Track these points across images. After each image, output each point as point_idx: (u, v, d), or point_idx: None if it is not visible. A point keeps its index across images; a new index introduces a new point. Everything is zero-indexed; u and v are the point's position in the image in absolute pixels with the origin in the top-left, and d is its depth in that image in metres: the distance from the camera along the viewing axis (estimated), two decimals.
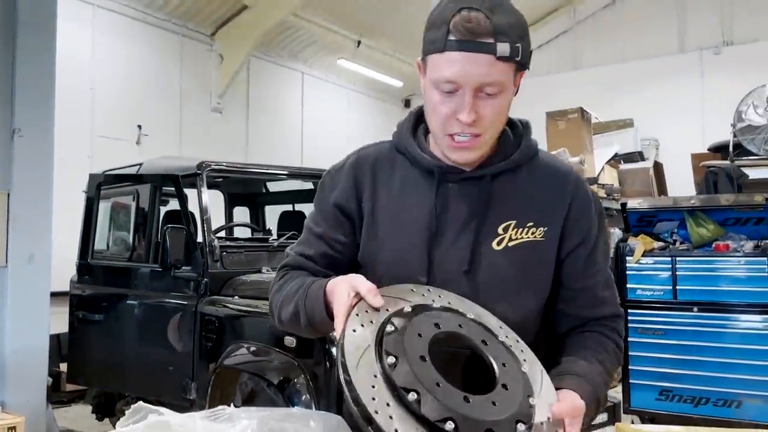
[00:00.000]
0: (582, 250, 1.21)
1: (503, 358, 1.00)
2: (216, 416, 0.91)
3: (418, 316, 0.99)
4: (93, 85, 7.35)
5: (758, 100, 5.39)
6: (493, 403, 0.93)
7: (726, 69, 9.67)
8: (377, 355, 0.93)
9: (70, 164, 6.26)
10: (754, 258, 4.32)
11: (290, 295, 1.21)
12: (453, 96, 1.10)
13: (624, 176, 8.13)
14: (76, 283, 4.61)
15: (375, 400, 0.89)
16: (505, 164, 1.19)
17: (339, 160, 1.32)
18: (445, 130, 1.13)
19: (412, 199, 1.20)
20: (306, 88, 10.31)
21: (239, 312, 3.40)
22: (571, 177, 1.24)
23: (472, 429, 0.89)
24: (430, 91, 1.13)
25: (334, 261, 1.25)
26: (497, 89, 1.09)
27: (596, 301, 1.23)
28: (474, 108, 1.09)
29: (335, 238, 1.25)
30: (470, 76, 1.07)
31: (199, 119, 8.48)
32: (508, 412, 0.93)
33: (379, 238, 1.21)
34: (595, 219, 1.22)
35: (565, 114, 7.01)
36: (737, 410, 4.27)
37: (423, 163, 1.20)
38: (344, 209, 1.24)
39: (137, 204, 4.22)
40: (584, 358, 1.15)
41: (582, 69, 11.08)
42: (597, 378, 1.12)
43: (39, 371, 3.86)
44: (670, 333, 4.54)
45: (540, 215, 1.18)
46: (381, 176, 1.24)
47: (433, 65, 1.12)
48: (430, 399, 0.90)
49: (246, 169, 4.62)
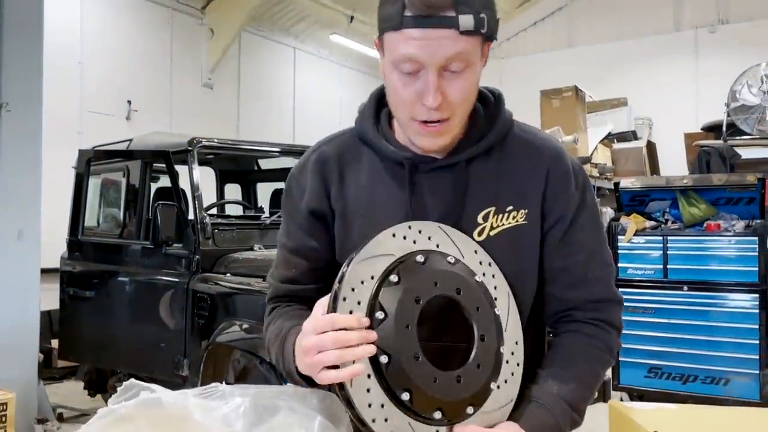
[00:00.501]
0: (560, 226, 1.12)
1: (479, 305, 0.99)
2: (209, 393, 0.90)
3: (405, 292, 0.94)
4: (82, 59, 7.24)
5: (752, 79, 5.38)
6: (457, 379, 0.94)
7: (721, 48, 9.64)
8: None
9: (59, 140, 6.19)
10: (744, 237, 4.35)
11: (272, 339, 1.12)
12: (415, 77, 1.00)
13: (617, 155, 8.14)
14: (66, 259, 4.58)
15: (371, 406, 0.90)
16: (480, 146, 1.11)
17: (299, 162, 1.21)
18: (410, 116, 1.04)
19: (384, 195, 1.12)
20: (298, 63, 10.20)
21: (231, 289, 3.39)
22: (546, 150, 1.13)
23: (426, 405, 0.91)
24: (389, 73, 1.04)
25: (319, 272, 1.17)
26: (463, 66, 1.00)
27: (578, 280, 1.13)
28: (439, 89, 0.99)
29: (312, 247, 1.16)
30: (432, 55, 0.98)
31: (189, 95, 8.39)
32: (467, 393, 0.95)
33: (353, 239, 1.11)
34: (575, 193, 1.12)
35: (559, 92, 6.99)
36: (725, 388, 4.33)
37: (390, 155, 1.12)
38: (317, 212, 1.16)
39: (127, 180, 4.18)
40: (556, 377, 1.07)
41: (577, 47, 11.02)
42: (563, 404, 1.04)
43: (30, 348, 3.86)
44: (660, 312, 4.58)
45: (519, 197, 1.10)
46: (348, 173, 1.15)
47: (390, 44, 1.01)
48: (424, 396, 0.91)
49: (237, 145, 4.58)
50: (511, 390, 1.01)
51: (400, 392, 0.90)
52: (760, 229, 4.33)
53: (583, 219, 1.14)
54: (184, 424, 0.86)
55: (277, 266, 1.21)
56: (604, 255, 1.16)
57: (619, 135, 8.70)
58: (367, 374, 0.90)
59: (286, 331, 1.07)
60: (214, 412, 0.88)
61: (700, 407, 1.27)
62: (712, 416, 1.22)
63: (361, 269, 0.94)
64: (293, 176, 1.21)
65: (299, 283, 1.17)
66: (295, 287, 1.17)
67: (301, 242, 1.17)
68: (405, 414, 0.91)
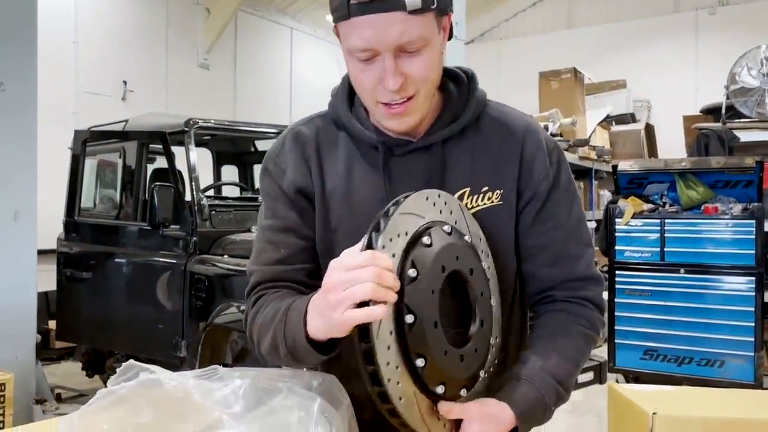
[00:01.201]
0: (534, 203, 1.11)
1: (483, 291, 1.00)
2: (208, 375, 0.90)
3: (436, 257, 0.92)
4: (77, 39, 7.17)
5: (752, 61, 5.36)
6: (461, 358, 0.94)
7: (721, 29, 9.59)
8: (396, 308, 0.88)
9: (55, 120, 6.16)
10: (742, 221, 4.36)
11: (266, 323, 1.04)
12: (372, 63, 0.99)
13: (615, 138, 8.12)
14: (63, 241, 4.58)
15: (388, 365, 0.87)
16: (454, 127, 1.09)
17: (274, 143, 1.19)
18: (374, 100, 1.03)
19: (360, 178, 1.10)
20: (295, 43, 10.12)
21: (229, 271, 3.39)
22: (519, 128, 1.12)
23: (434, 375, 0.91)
24: (348, 61, 1.03)
25: (306, 252, 1.12)
26: (420, 44, 0.97)
27: (557, 258, 1.12)
28: (398, 70, 0.97)
29: (302, 224, 1.12)
30: (384, 41, 0.95)
31: (185, 75, 8.33)
32: (465, 374, 0.95)
33: (332, 225, 1.11)
34: (549, 169, 1.11)
35: (558, 74, 6.95)
36: (720, 369, 4.36)
37: (365, 139, 1.10)
38: (303, 190, 1.12)
39: (124, 161, 4.16)
40: (539, 354, 1.06)
41: (576, 28, 10.94)
42: (548, 378, 1.03)
43: (27, 328, 3.86)
44: (656, 294, 4.60)
45: (493, 177, 1.10)
46: (325, 156, 1.13)
47: (343, 34, 1.00)
48: (435, 366, 0.90)
49: (234, 127, 4.56)
50: (487, 382, 1.02)
51: (415, 357, 0.88)
52: (757, 212, 4.34)
53: (558, 196, 1.13)
54: (183, 405, 0.86)
55: (262, 251, 1.13)
56: (581, 233, 1.15)
57: (617, 117, 8.67)
58: (389, 330, 0.87)
59: (288, 304, 1.01)
60: (213, 393, 0.87)
61: (698, 389, 1.28)
62: (710, 398, 1.22)
63: (399, 222, 0.90)
64: (270, 157, 1.17)
65: (288, 263, 1.11)
66: (284, 267, 1.11)
67: (291, 220, 1.13)
68: (413, 382, 0.90)
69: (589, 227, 1.19)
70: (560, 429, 4.12)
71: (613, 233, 4.72)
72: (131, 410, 0.86)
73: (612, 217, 4.76)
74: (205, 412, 0.85)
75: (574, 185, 1.19)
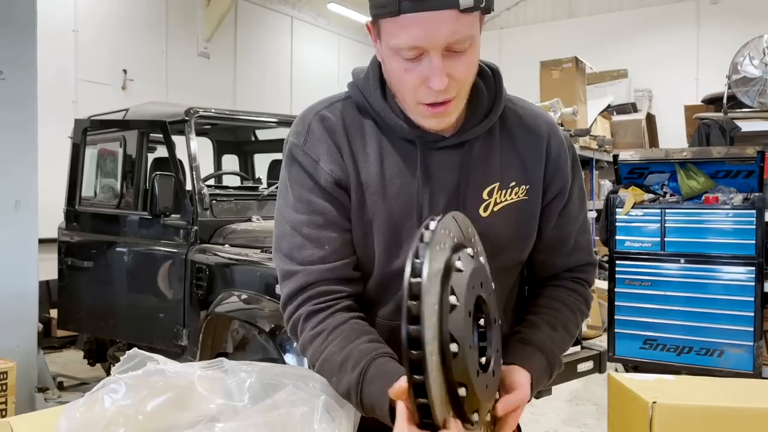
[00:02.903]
0: (559, 201, 1.15)
1: (496, 318, 0.97)
2: (214, 367, 0.90)
3: (470, 281, 0.88)
4: (76, 27, 7.13)
5: (754, 51, 5.33)
6: (485, 386, 0.90)
7: (723, 19, 9.54)
8: (442, 337, 0.84)
9: (55, 109, 6.14)
10: (742, 210, 4.36)
11: (334, 368, 1.00)
12: (418, 62, 0.97)
13: (616, 128, 8.10)
14: (64, 230, 4.58)
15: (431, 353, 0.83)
16: (485, 125, 1.10)
17: (296, 129, 1.13)
18: (416, 100, 1.01)
19: (394, 171, 1.08)
20: (295, 33, 10.07)
21: (230, 260, 3.39)
22: (544, 126, 1.15)
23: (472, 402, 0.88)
24: (390, 59, 1.00)
25: (348, 246, 1.09)
26: (467, 44, 0.97)
27: (571, 248, 1.19)
28: (444, 70, 0.96)
29: (343, 218, 1.08)
30: (435, 39, 0.94)
31: (185, 64, 8.30)
32: (490, 399, 0.93)
33: (368, 216, 1.08)
34: (570, 166, 1.16)
35: (559, 63, 6.92)
36: (719, 359, 4.38)
37: (399, 131, 1.08)
38: (341, 182, 1.08)
39: (124, 150, 4.15)
40: (548, 323, 1.12)
41: (577, 17, 10.89)
42: (555, 349, 1.10)
43: (29, 317, 3.87)
44: (656, 284, 4.61)
45: (521, 173, 1.12)
46: (356, 145, 1.10)
47: (387, 31, 0.97)
48: (474, 394, 0.87)
49: (235, 116, 4.54)
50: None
51: (458, 386, 0.85)
52: (758, 202, 4.34)
53: (575, 190, 1.18)
54: (188, 396, 0.86)
55: (301, 248, 1.07)
56: (586, 222, 1.21)
57: (618, 107, 8.65)
58: (438, 363, 0.84)
59: (365, 365, 0.98)
60: (218, 385, 0.88)
61: (697, 379, 1.28)
62: (709, 387, 1.23)
63: (436, 251, 0.86)
64: (297, 145, 1.11)
65: (334, 261, 1.07)
66: (331, 266, 1.07)
67: (332, 215, 1.08)
68: (452, 412, 0.86)
69: (588, 216, 1.23)
70: (560, 417, 4.14)
71: (614, 223, 4.73)
72: (135, 399, 0.86)
73: (612, 207, 4.76)
74: (209, 404, 0.86)
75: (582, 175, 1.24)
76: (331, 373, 1.00)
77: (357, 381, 0.96)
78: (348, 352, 0.99)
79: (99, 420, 0.85)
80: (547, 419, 4.08)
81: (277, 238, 1.11)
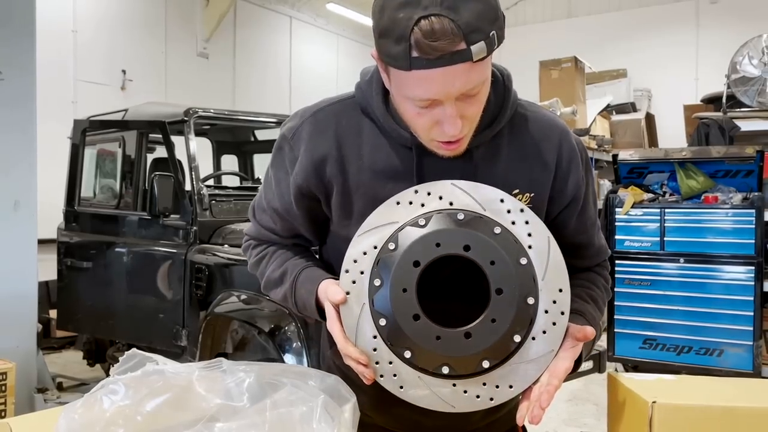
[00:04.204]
0: (573, 208, 1.16)
1: (494, 258, 0.97)
2: (213, 367, 0.90)
3: (402, 258, 0.97)
4: (75, 28, 7.13)
5: (754, 50, 5.34)
6: (467, 335, 0.96)
7: (722, 18, 9.54)
8: (372, 315, 0.99)
9: (54, 110, 6.14)
10: (742, 210, 4.36)
11: (274, 280, 1.19)
12: (432, 108, 0.97)
13: (615, 127, 8.10)
14: (63, 230, 4.58)
15: (378, 364, 0.99)
16: (489, 132, 1.09)
17: (291, 123, 1.16)
18: (430, 138, 1.02)
19: (387, 173, 1.09)
20: (294, 33, 10.07)
21: (229, 260, 3.39)
22: (554, 133, 1.13)
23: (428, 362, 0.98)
24: (402, 102, 1.00)
25: (297, 232, 1.22)
26: (479, 88, 0.97)
27: (594, 250, 1.24)
28: (458, 114, 0.96)
29: (296, 214, 1.17)
30: (449, 92, 0.93)
31: (184, 65, 8.29)
32: (478, 348, 0.96)
33: (353, 216, 1.10)
34: (582, 173, 1.16)
35: (558, 63, 6.92)
36: (719, 359, 4.38)
37: (397, 137, 1.08)
38: (303, 190, 1.13)
39: (123, 151, 4.15)
40: (579, 296, 1.15)
41: (577, 17, 10.89)
42: (594, 313, 1.15)
43: (29, 317, 3.87)
44: (656, 284, 4.61)
45: (526, 180, 1.10)
46: (348, 147, 1.10)
47: (399, 81, 0.96)
48: (425, 353, 0.96)
49: (234, 116, 4.54)
50: (551, 340, 0.99)
51: (402, 351, 0.97)
52: (757, 201, 4.34)
53: (589, 194, 1.19)
54: (187, 397, 0.86)
55: (264, 210, 1.23)
56: (597, 218, 1.25)
57: (618, 107, 8.65)
58: (373, 335, 0.99)
59: (295, 275, 1.15)
60: (217, 385, 0.88)
61: (697, 378, 1.28)
62: (709, 387, 1.23)
63: (362, 241, 1.01)
64: (286, 138, 1.15)
65: (281, 235, 1.23)
66: (276, 237, 1.24)
67: (287, 207, 1.18)
68: (415, 370, 0.98)
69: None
70: (560, 417, 4.14)
71: (613, 223, 4.73)
72: (134, 400, 0.86)
73: (612, 206, 4.76)
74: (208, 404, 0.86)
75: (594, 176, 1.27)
76: (274, 285, 1.19)
77: (291, 287, 1.14)
78: (285, 267, 1.18)
79: (98, 421, 0.85)
80: (547, 419, 4.08)
81: (260, 188, 1.27)
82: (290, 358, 2.84)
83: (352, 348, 0.99)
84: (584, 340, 1.01)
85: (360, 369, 0.98)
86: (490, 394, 0.99)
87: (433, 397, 0.99)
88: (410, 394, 0.99)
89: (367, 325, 0.99)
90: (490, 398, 0.99)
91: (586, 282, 1.21)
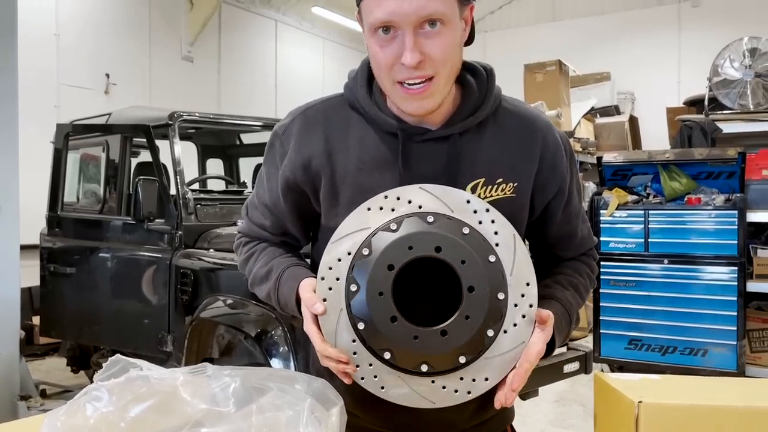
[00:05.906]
0: (559, 199, 1.18)
1: (464, 258, 0.99)
2: (198, 372, 0.89)
3: (377, 262, 0.99)
4: (57, 31, 7.06)
5: (735, 53, 5.40)
6: (442, 333, 0.98)
7: (704, 22, 9.65)
8: (350, 320, 1.01)
9: (36, 114, 6.07)
10: (724, 211, 4.41)
11: (260, 277, 1.21)
12: (392, 40, 1.01)
13: (599, 130, 8.16)
14: (46, 235, 4.52)
15: (359, 367, 1.01)
16: (473, 120, 1.12)
17: (284, 120, 1.21)
18: (392, 80, 1.04)
19: (373, 162, 1.12)
20: (279, 36, 10.06)
21: (215, 265, 3.37)
22: (538, 125, 1.17)
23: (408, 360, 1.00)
24: (370, 42, 1.05)
25: (286, 229, 1.25)
26: (440, 24, 1.00)
27: (578, 241, 1.26)
28: (417, 47, 0.99)
29: (286, 209, 1.21)
30: (405, 13, 0.98)
31: (169, 68, 8.25)
32: (454, 344, 0.98)
33: (341, 205, 1.13)
34: (567, 165, 1.18)
35: (543, 66, 6.96)
36: (703, 359, 4.42)
37: (383, 124, 1.12)
38: (290, 183, 1.17)
39: (107, 155, 4.11)
40: (558, 282, 1.19)
41: (561, 20, 10.97)
42: (572, 300, 1.17)
43: (11, 324, 3.82)
44: (640, 284, 4.65)
45: (509, 170, 1.13)
46: (335, 139, 1.14)
47: (366, 10, 1.03)
48: (404, 353, 0.99)
49: (219, 120, 4.52)
50: (522, 332, 1.02)
51: (382, 352, 0.99)
52: (739, 202, 4.39)
53: (574, 186, 1.22)
54: (172, 402, 0.85)
55: (255, 207, 1.26)
56: (583, 210, 1.28)
57: (601, 110, 8.71)
58: (352, 339, 1.01)
59: (279, 273, 1.17)
60: (202, 390, 0.87)
61: (682, 378, 1.29)
62: (694, 386, 1.24)
63: (336, 248, 1.03)
64: (277, 134, 1.20)
65: (270, 232, 1.25)
66: (266, 234, 1.26)
67: (277, 202, 1.21)
68: (394, 370, 1.00)
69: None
70: (546, 418, 4.15)
71: (598, 224, 4.76)
72: (117, 406, 0.85)
73: (596, 208, 4.79)
74: (193, 409, 0.85)
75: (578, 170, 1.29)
76: (260, 282, 1.22)
77: (275, 284, 1.17)
78: (271, 265, 1.20)
79: (81, 428, 0.84)
80: (534, 420, 4.09)
81: (254, 186, 1.31)
82: (277, 362, 2.83)
83: (331, 348, 1.01)
84: (543, 324, 1.03)
85: (341, 367, 1.00)
86: (467, 387, 1.02)
87: (413, 394, 1.01)
88: (391, 394, 1.02)
89: (345, 330, 1.01)
90: (468, 392, 1.02)
91: (569, 270, 1.24)
